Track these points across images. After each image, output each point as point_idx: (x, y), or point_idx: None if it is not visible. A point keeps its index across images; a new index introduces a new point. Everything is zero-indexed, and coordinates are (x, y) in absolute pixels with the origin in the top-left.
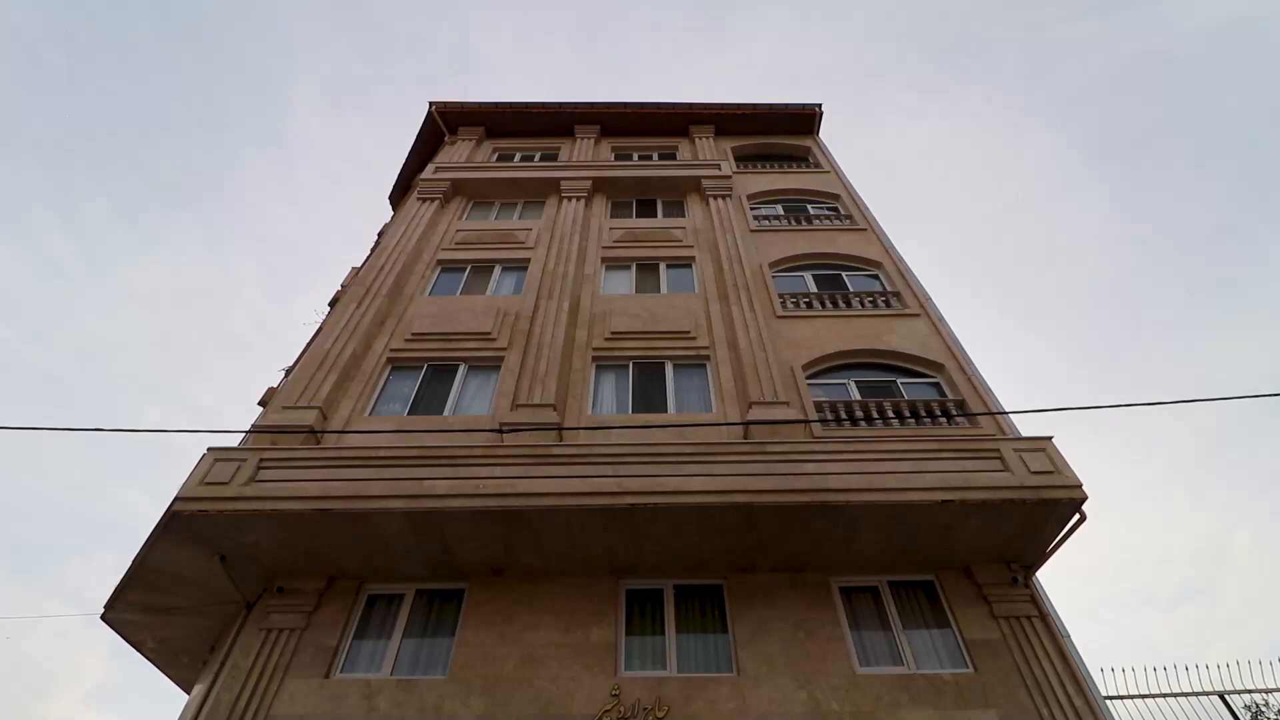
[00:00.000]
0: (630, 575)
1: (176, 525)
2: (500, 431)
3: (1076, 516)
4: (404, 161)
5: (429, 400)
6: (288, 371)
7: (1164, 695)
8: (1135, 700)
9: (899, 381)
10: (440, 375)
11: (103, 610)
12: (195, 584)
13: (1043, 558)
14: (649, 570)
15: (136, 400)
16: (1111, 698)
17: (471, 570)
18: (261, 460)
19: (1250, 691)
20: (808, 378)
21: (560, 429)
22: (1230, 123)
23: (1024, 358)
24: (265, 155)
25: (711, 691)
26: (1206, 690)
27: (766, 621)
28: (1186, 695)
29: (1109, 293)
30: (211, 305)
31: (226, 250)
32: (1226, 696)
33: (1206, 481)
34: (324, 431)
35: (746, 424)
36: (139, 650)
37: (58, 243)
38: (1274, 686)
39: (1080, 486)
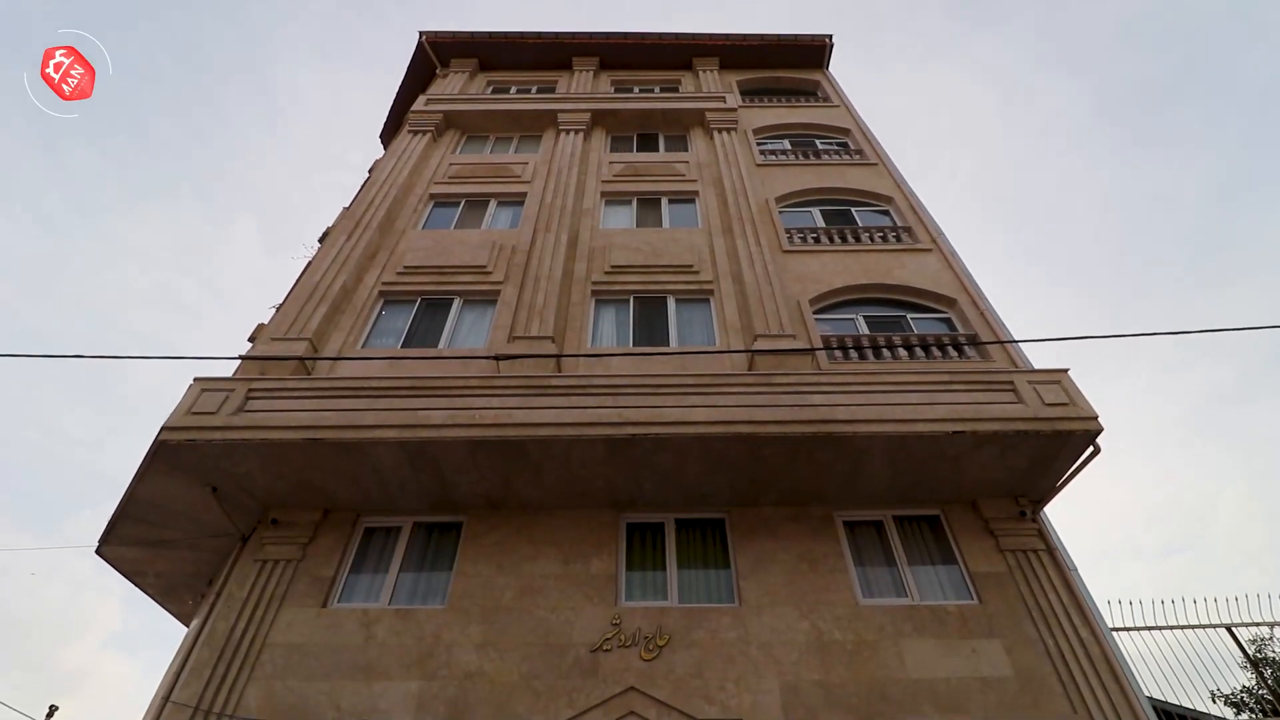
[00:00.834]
0: (630, 509)
1: (164, 455)
2: (497, 358)
3: (1090, 449)
4: (395, 97)
5: (423, 334)
6: (278, 309)
7: (1171, 627)
8: (1142, 632)
9: (909, 317)
10: (434, 309)
11: (97, 544)
12: (188, 517)
13: (1052, 492)
14: (650, 504)
15: (133, 354)
16: (1118, 629)
17: (469, 504)
18: (250, 390)
19: (1257, 625)
20: (815, 313)
21: (559, 357)
22: (1243, 80)
23: (1029, 309)
24: (253, 105)
25: (713, 621)
26: (1213, 623)
27: (769, 554)
28: (1193, 628)
29: (1114, 250)
30: (204, 258)
31: (217, 203)
32: (1233, 629)
33: (1195, 443)
34: (315, 358)
35: (751, 353)
36: (137, 585)
37: (48, 197)
38: None
39: (1095, 419)
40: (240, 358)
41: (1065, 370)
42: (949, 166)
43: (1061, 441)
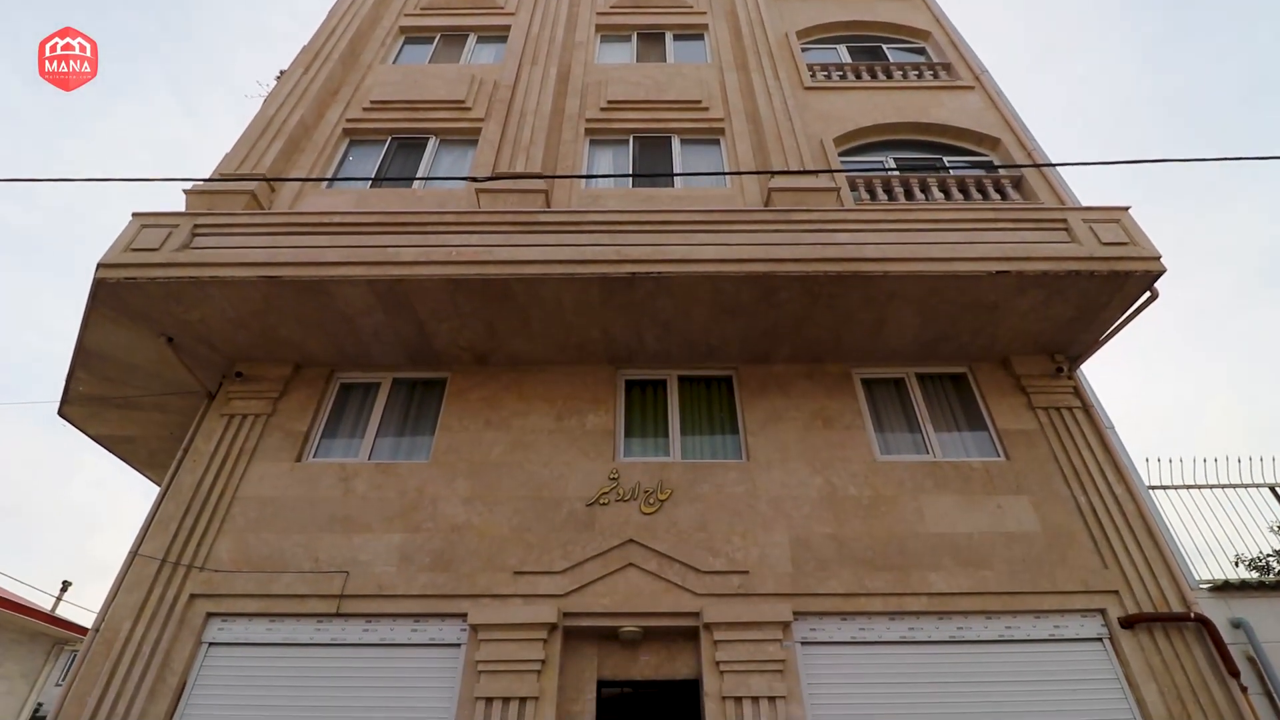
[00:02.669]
0: (630, 365)
1: (106, 298)
2: (477, 180)
3: (1146, 295)
4: None
5: (395, 173)
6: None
7: (1210, 486)
8: (1180, 491)
9: (946, 160)
10: (408, 150)
11: (59, 404)
12: (149, 373)
13: (1094, 346)
14: (651, 359)
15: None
16: (1155, 487)
17: (453, 358)
18: (196, 226)
19: None
20: (840, 154)
21: (552, 177)
22: None
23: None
24: None
25: (719, 476)
26: (1257, 483)
27: (780, 411)
28: (1235, 487)
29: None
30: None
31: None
32: (1277, 489)
33: (1187, 352)
34: (276, 178)
35: (770, 174)
36: (116, 453)
37: (19, 96)
38: None
39: (1158, 259)
40: (187, 190)
41: (1126, 208)
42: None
43: (1117, 284)
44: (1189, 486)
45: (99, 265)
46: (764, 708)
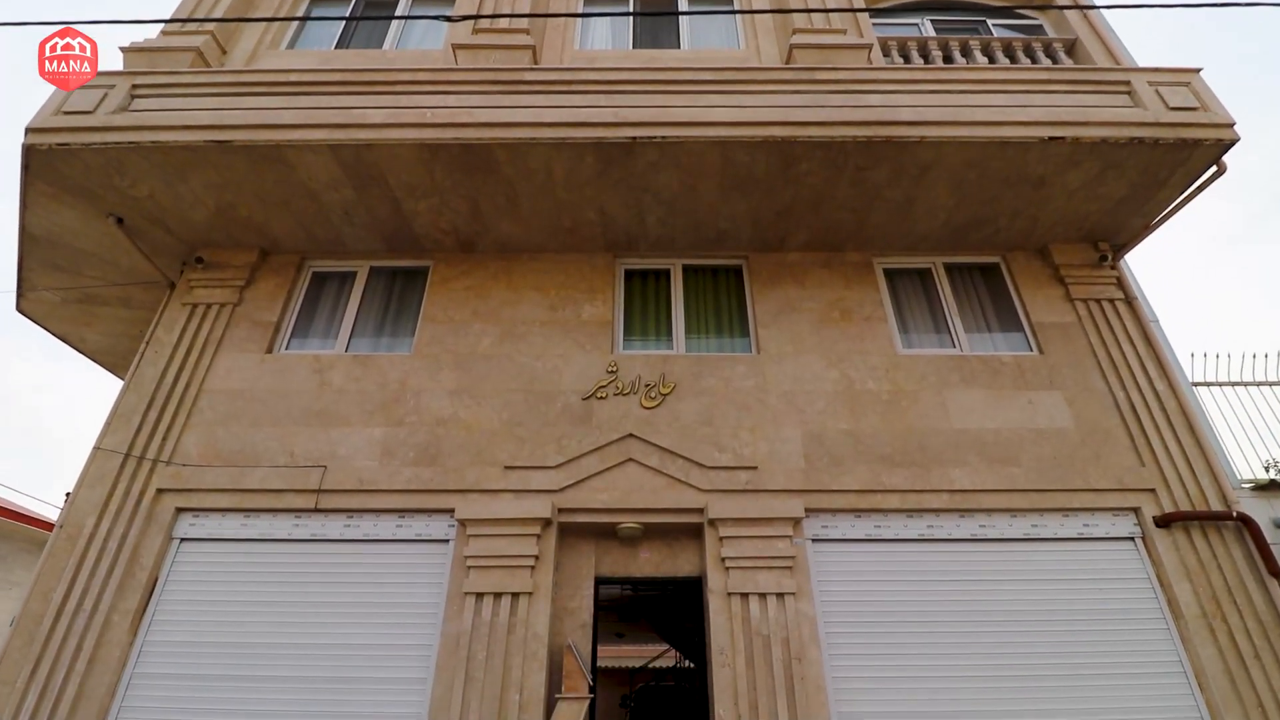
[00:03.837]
0: (630, 253)
1: (40, 170)
2: (452, 20)
3: (1212, 170)
4: None
5: (363, 36)
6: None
7: (1260, 384)
8: (1226, 388)
9: (989, 22)
10: (377, 5)
11: (16, 298)
12: (105, 261)
13: (1143, 231)
14: (653, 247)
15: None
16: (1200, 384)
17: (436, 244)
18: (135, 86)
19: None
20: (871, 15)
21: (541, 16)
22: None
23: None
24: None
25: (726, 369)
26: None
27: (794, 301)
28: None
29: None
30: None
31: None
32: None
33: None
34: (231, 19)
35: (790, 48)
36: (85, 354)
37: None
38: None
39: (1231, 125)
40: (126, 49)
41: (1197, 69)
42: None
43: (1182, 156)
44: (1234, 384)
45: (27, 130)
46: (772, 604)
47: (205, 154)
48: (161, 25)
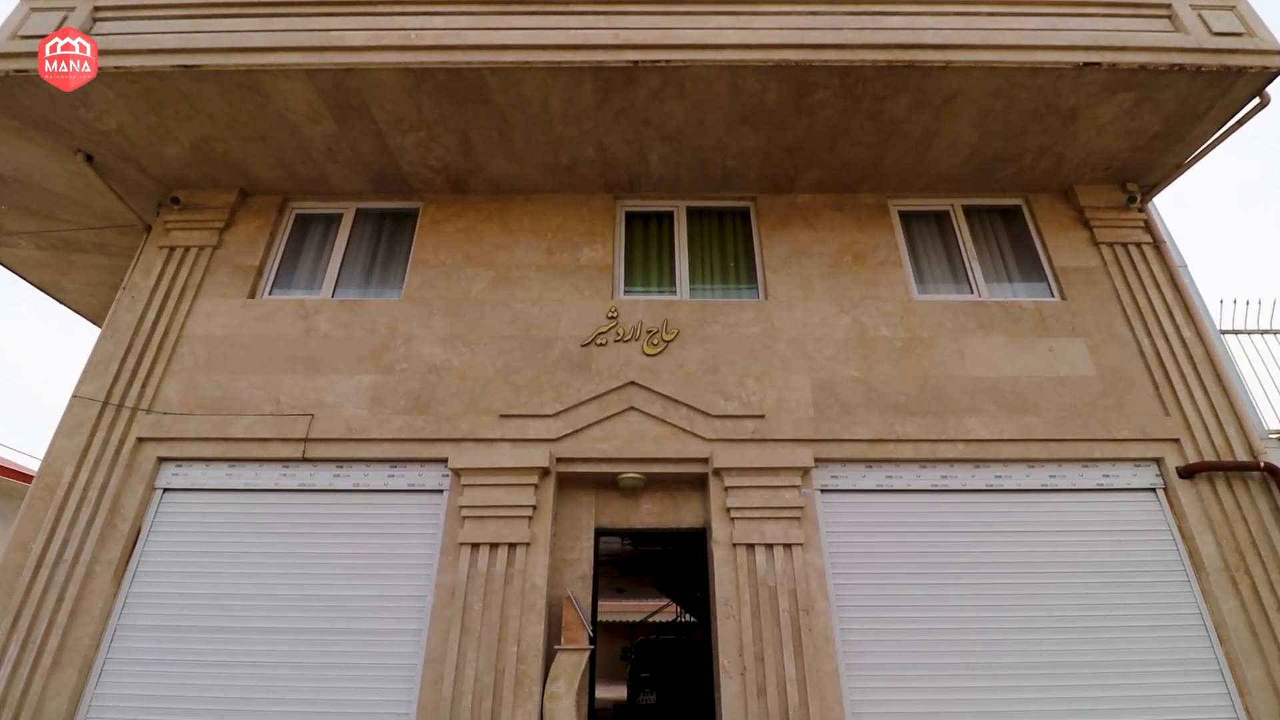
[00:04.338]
0: (631, 194)
1: None
2: None
3: (1255, 102)
4: None
5: None
6: None
7: None
8: (1255, 336)
9: None
10: None
11: None
12: (78, 203)
13: (1176, 170)
14: (656, 187)
15: None
16: (1228, 332)
17: (426, 183)
18: (96, 8)
19: None
20: None
21: None
22: None
23: None
24: None
25: (732, 315)
26: None
27: (804, 245)
28: None
29: None
30: None
31: None
32: None
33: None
34: None
35: None
36: (59, 300)
37: None
38: None
39: (1279, 53)
40: None
41: None
42: None
43: (1224, 86)
44: (1265, 332)
45: None
46: (779, 554)
47: (174, 81)
48: None
